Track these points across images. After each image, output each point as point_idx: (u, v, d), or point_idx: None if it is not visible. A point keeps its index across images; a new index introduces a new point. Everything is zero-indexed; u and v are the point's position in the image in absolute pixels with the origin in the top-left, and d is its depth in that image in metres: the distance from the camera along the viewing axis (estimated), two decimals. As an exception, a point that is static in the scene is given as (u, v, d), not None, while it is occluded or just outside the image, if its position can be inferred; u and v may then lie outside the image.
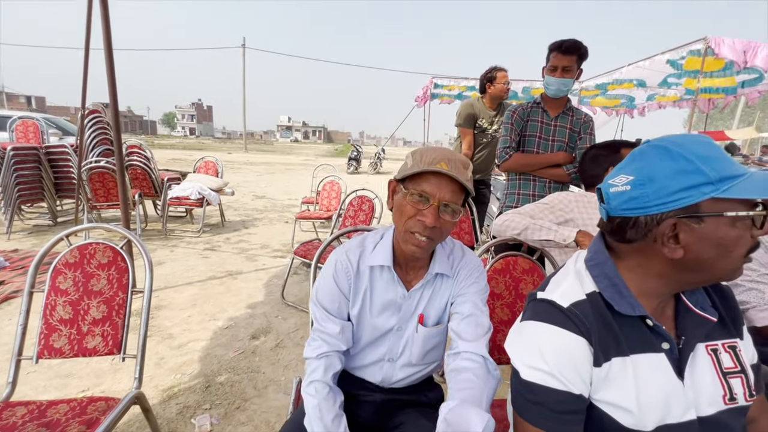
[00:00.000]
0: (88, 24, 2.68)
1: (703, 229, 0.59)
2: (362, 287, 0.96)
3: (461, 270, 0.98)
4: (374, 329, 0.98)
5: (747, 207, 0.57)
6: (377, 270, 0.96)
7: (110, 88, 2.50)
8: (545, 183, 2.02)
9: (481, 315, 0.94)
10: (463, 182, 0.82)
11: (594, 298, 0.68)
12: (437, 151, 0.84)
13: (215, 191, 4.86)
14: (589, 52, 1.84)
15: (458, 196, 0.84)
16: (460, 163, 0.84)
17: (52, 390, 1.83)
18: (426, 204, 0.83)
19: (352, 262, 0.95)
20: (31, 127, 5.41)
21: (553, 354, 0.65)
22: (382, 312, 0.97)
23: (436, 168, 0.80)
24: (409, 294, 0.96)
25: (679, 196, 0.58)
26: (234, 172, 12.51)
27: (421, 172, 0.82)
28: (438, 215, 0.83)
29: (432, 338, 0.99)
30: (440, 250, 0.98)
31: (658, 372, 0.65)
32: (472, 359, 0.86)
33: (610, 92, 8.57)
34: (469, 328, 0.91)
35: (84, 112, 3.57)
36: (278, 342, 2.35)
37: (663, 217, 0.60)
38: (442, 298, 0.98)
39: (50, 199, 4.65)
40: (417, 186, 0.83)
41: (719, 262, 0.60)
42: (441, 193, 0.82)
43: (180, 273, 3.42)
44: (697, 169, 0.57)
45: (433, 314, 0.98)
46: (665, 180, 0.59)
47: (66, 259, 1.31)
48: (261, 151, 30.93)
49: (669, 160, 0.60)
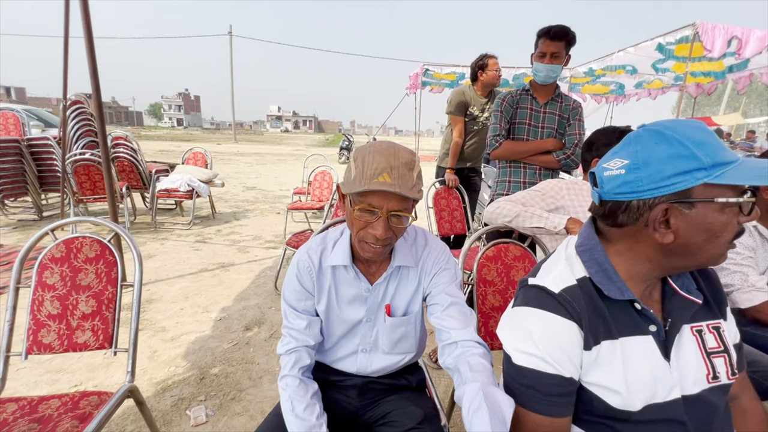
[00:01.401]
0: (67, 11, 2.58)
1: (693, 215, 0.59)
2: (326, 284, 0.98)
3: (427, 259, 0.99)
4: (344, 322, 1.00)
5: (736, 194, 0.58)
6: (340, 268, 0.97)
7: (92, 78, 2.43)
8: (536, 170, 2.02)
9: (461, 301, 0.95)
10: (408, 195, 0.79)
11: (584, 283, 0.69)
12: (378, 157, 0.80)
13: (205, 183, 4.79)
14: (576, 38, 1.84)
15: (407, 201, 0.82)
16: (404, 166, 0.80)
17: (43, 385, 1.82)
18: (374, 216, 0.82)
19: (313, 261, 0.97)
20: (11, 119, 5.24)
21: (544, 339, 0.65)
22: (350, 304, 0.99)
23: (378, 187, 0.77)
24: (372, 287, 0.98)
25: (673, 181, 0.59)
26: (224, 164, 12.34)
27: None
28: (388, 225, 0.82)
29: (399, 327, 1.00)
30: (401, 242, 0.97)
31: (646, 354, 0.66)
32: (474, 346, 0.87)
33: (600, 78, 8.59)
34: (456, 315, 0.92)
35: (66, 103, 3.48)
36: (272, 333, 2.35)
37: (655, 201, 0.61)
38: (408, 288, 0.99)
39: (34, 193, 4.55)
40: (364, 199, 0.81)
41: (706, 247, 0.61)
42: (388, 204, 0.80)
43: (171, 266, 3.38)
44: (692, 154, 0.58)
45: (401, 305, 1.00)
46: (660, 164, 0.59)
47: (52, 253, 1.29)
48: (251, 141, 30.52)
49: (664, 144, 0.60)
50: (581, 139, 1.96)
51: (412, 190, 0.80)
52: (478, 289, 1.35)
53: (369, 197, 0.80)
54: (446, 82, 9.68)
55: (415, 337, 1.04)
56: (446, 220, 2.81)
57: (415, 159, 0.84)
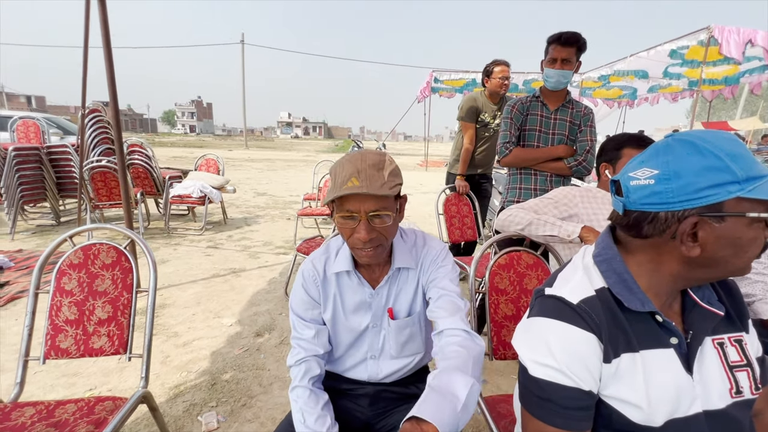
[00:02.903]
0: (87, 22, 2.66)
1: (722, 229, 0.58)
2: (331, 292, 1.00)
3: (425, 259, 1.00)
4: (351, 330, 1.01)
5: (766, 208, 0.57)
6: (343, 275, 0.99)
7: (110, 86, 2.50)
8: (547, 177, 2.01)
9: (453, 293, 0.95)
10: (378, 193, 0.80)
11: (603, 294, 0.68)
12: (347, 165, 0.83)
13: (217, 189, 4.86)
14: (587, 44, 1.83)
15: (383, 201, 0.83)
16: (373, 168, 0.82)
17: (59, 389, 1.85)
18: (355, 221, 0.84)
19: (318, 270, 0.99)
20: (32, 127, 5.41)
21: (562, 350, 0.64)
22: (355, 312, 1.00)
23: (346, 191, 0.80)
24: (375, 291, 0.99)
25: (706, 194, 0.57)
26: (235, 170, 12.50)
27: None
28: (370, 227, 0.84)
29: (405, 329, 1.01)
30: (401, 245, 0.99)
31: (668, 367, 0.65)
32: (454, 333, 0.87)
33: (612, 83, 8.51)
34: (445, 305, 0.92)
35: (84, 111, 3.57)
36: (282, 339, 2.36)
37: (685, 214, 0.59)
38: (409, 289, 1.00)
39: (53, 199, 4.66)
40: (342, 206, 0.84)
41: (732, 261, 0.60)
42: (364, 206, 0.82)
43: (183, 271, 3.43)
44: (726, 167, 0.56)
45: (403, 307, 1.01)
46: (692, 176, 0.58)
47: (70, 259, 1.32)
48: (261, 147, 30.88)
49: (697, 155, 0.58)
50: (593, 146, 1.94)
51: (382, 188, 0.81)
52: (490, 298, 1.34)
53: (345, 204, 0.83)
54: (456, 88, 9.70)
55: (421, 338, 1.05)
56: (457, 227, 2.80)
57: (385, 159, 0.86)
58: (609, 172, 1.38)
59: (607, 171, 1.39)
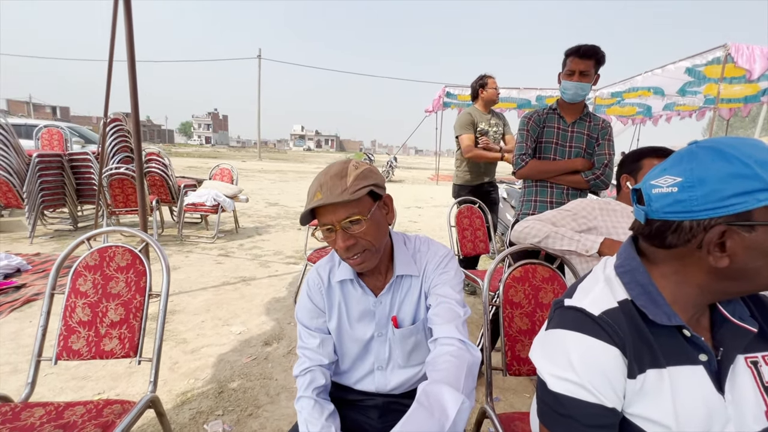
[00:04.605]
0: (112, 38, 2.77)
1: (753, 238, 0.55)
2: (336, 301, 0.99)
3: (428, 264, 0.98)
4: (356, 341, 1.00)
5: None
6: (347, 283, 0.98)
7: (132, 98, 2.58)
8: (563, 190, 1.98)
9: (452, 300, 0.92)
10: (338, 201, 0.80)
11: (626, 306, 0.65)
12: (315, 181, 0.86)
13: (230, 198, 4.92)
14: (606, 58, 1.82)
15: (352, 207, 0.83)
16: (335, 177, 0.83)
17: (68, 391, 1.85)
18: (332, 232, 0.85)
19: (323, 278, 1.00)
20: (56, 135, 5.60)
21: (583, 364, 0.61)
22: (360, 321, 0.99)
23: (311, 206, 0.83)
24: (378, 299, 0.97)
25: (732, 202, 0.54)
26: (248, 180, 12.69)
27: (311, 210, 0.85)
28: (346, 235, 0.84)
29: (410, 337, 0.98)
30: (402, 252, 0.98)
31: (697, 385, 0.61)
32: (448, 342, 0.85)
33: (626, 100, 8.46)
34: (442, 312, 0.90)
35: (106, 121, 3.68)
36: (290, 348, 2.34)
37: (711, 223, 0.57)
38: (412, 297, 0.98)
39: (72, 204, 4.78)
40: (320, 221, 0.87)
41: (764, 272, 0.57)
42: (334, 216, 0.83)
43: (194, 278, 3.45)
44: (755, 174, 0.53)
45: (408, 315, 0.99)
46: (718, 183, 0.55)
47: (86, 261, 1.33)
48: (274, 159, 31.36)
49: (723, 162, 0.56)
50: (611, 160, 1.91)
51: (343, 194, 0.81)
52: (504, 311, 1.31)
53: (320, 218, 0.86)
54: (468, 103, 9.76)
55: (427, 346, 1.02)
56: (469, 240, 2.77)
57: (348, 166, 0.85)
58: (630, 183, 1.35)
59: (628, 183, 1.36)
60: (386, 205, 0.93)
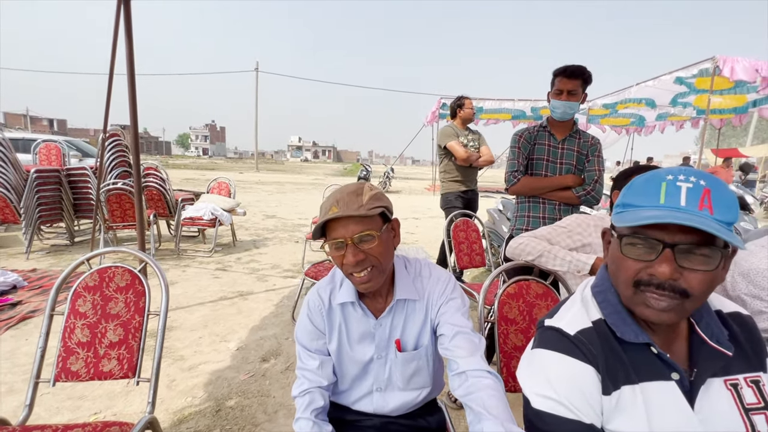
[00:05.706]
0: (113, 52, 2.82)
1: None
2: (336, 323, 1.00)
3: (433, 291, 0.99)
4: (356, 362, 1.01)
5: None
6: (348, 305, 1.00)
7: (131, 115, 2.61)
8: (555, 205, 2.01)
9: (467, 329, 0.94)
10: (355, 214, 0.84)
11: (600, 326, 0.69)
12: (330, 197, 0.90)
13: (227, 211, 4.94)
14: (593, 77, 1.88)
15: (366, 223, 0.86)
16: (351, 194, 0.87)
17: (65, 412, 1.84)
18: (342, 247, 0.87)
19: (323, 300, 1.00)
20: (54, 150, 5.62)
21: (561, 382, 0.64)
22: (360, 342, 1.00)
23: (326, 218, 0.85)
24: (378, 321, 0.99)
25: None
26: (245, 192, 12.70)
27: (324, 224, 0.88)
28: (357, 250, 0.86)
29: (411, 362, 1.00)
30: (403, 275, 0.99)
31: (671, 402, 0.64)
32: (483, 375, 0.86)
33: (619, 111, 8.59)
34: (462, 344, 0.91)
35: (105, 135, 3.71)
36: (288, 365, 2.34)
37: None
38: (415, 322, 0.99)
39: (69, 219, 4.78)
40: (330, 236, 0.88)
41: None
42: (347, 231, 0.86)
43: (192, 293, 3.45)
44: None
45: (411, 339, 1.00)
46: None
47: (86, 282, 1.35)
48: (272, 170, 31.42)
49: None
50: (601, 176, 1.95)
51: (360, 209, 0.85)
52: (499, 327, 1.33)
53: (332, 233, 0.87)
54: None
55: (428, 372, 1.03)
56: (465, 253, 2.79)
57: (364, 186, 0.90)
58: None
59: None
60: (393, 229, 0.95)
